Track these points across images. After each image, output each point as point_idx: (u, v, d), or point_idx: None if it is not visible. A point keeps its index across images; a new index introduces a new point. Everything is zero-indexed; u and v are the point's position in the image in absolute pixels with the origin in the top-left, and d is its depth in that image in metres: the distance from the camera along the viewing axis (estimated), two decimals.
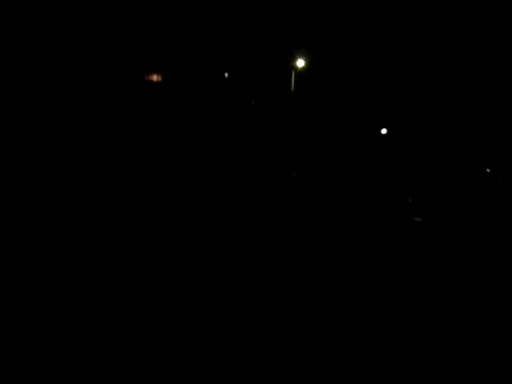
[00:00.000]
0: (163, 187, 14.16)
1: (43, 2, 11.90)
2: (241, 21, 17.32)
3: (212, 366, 3.55)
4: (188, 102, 16.31)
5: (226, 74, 17.19)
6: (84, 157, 12.48)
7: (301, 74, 17.97)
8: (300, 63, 17.40)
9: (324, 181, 20.13)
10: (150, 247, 7.47)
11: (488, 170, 17.44)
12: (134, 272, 6.01)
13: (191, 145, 16.10)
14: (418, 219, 12.21)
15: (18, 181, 10.62)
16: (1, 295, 4.89)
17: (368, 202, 16.24)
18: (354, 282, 6.01)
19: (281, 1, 17.76)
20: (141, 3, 14.28)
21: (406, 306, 5.08)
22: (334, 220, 12.28)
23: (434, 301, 5.31)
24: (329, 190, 18.45)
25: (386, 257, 7.63)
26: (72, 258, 6.49)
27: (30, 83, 11.67)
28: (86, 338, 3.92)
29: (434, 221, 12.13)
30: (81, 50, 12.82)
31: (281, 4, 17.81)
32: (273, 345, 3.93)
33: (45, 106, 11.95)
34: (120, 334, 4.06)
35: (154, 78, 15.38)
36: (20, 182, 10.63)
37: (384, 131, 22.43)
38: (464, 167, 18.20)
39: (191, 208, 12.76)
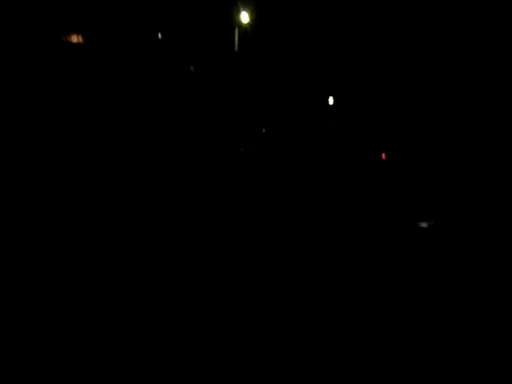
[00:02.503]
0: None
1: None
2: None
3: (212, 365, 3.54)
4: (114, 69, 13.42)
5: (160, 35, 14.34)
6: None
7: (246, 31, 15.42)
8: (244, 18, 14.85)
9: (279, 158, 17.74)
10: (146, 243, 7.39)
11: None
12: (133, 271, 6.01)
13: (120, 121, 13.32)
14: (423, 225, 9.60)
15: (14, 179, 9.90)
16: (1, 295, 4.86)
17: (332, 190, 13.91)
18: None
19: None
20: None
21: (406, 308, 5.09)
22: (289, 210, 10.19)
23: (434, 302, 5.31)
24: (285, 172, 16.00)
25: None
26: (72, 257, 6.46)
27: None
28: (85, 337, 3.90)
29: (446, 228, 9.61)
30: None
31: None
32: (272, 345, 3.98)
33: None
34: (120, 333, 4.04)
35: (74, 38, 12.35)
36: (15, 180, 9.90)
37: (331, 100, 20.23)
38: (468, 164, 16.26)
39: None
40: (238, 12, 14.79)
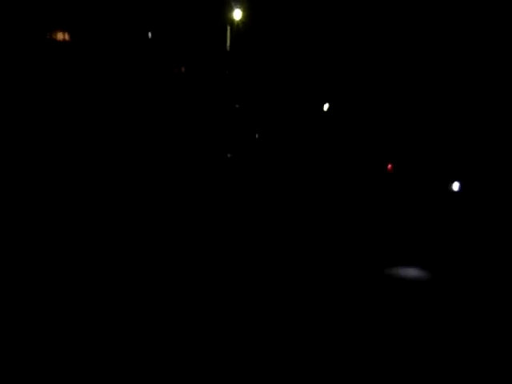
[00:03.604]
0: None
1: None
2: None
3: (212, 365, 3.50)
4: (101, 68, 12.72)
5: (150, 34, 13.59)
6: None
7: (238, 29, 14.73)
8: (237, 15, 14.18)
9: (269, 164, 17.01)
10: (146, 243, 7.23)
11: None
12: (133, 271, 5.84)
13: (108, 124, 12.64)
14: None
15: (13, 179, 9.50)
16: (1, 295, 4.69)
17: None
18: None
19: None
20: None
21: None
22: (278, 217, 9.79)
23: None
24: (276, 178, 15.26)
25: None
26: (71, 256, 6.31)
27: None
28: (85, 337, 3.81)
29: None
30: None
31: None
32: (272, 345, 3.98)
33: None
34: (120, 333, 3.94)
35: (60, 36, 11.64)
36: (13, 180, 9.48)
37: (326, 106, 19.50)
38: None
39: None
40: (231, 9, 14.16)
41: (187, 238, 7.87)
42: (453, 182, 14.75)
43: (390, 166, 16.64)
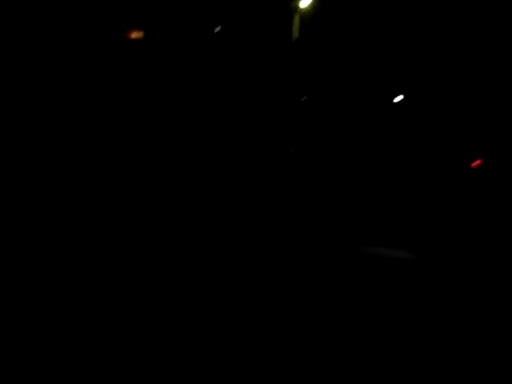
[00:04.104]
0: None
1: None
2: None
3: (212, 365, 3.48)
4: (172, 65, 12.57)
5: (217, 29, 13.27)
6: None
7: (305, 18, 14.13)
8: (304, 2, 13.60)
9: (333, 162, 16.36)
10: (148, 244, 7.17)
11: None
12: (133, 271, 5.83)
13: (174, 118, 12.48)
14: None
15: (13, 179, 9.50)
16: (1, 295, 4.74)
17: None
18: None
19: None
20: None
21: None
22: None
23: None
24: (340, 177, 14.64)
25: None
26: (72, 257, 6.25)
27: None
28: (85, 337, 3.82)
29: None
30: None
31: None
32: (272, 345, 3.94)
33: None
34: (120, 333, 3.95)
35: (133, 34, 11.50)
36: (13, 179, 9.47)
37: (399, 98, 18.64)
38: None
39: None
40: None
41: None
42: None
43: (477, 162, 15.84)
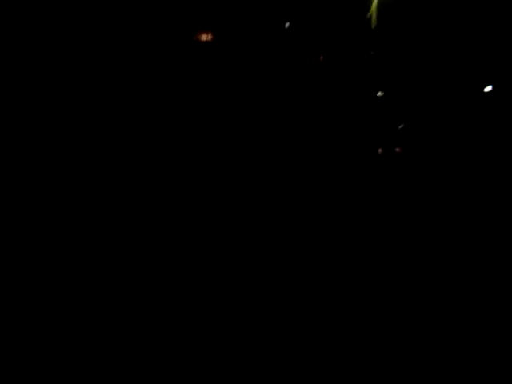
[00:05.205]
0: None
1: None
2: None
3: (212, 366, 3.43)
4: (243, 66, 13.95)
5: (287, 24, 11.65)
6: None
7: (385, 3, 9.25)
8: None
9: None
10: (148, 243, 5.82)
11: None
12: (133, 271, 5.10)
13: (246, 115, 13.83)
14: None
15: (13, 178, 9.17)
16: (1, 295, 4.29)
17: None
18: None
19: None
20: None
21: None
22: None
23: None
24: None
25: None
26: (72, 257, 5.55)
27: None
28: (85, 337, 3.70)
29: None
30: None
31: None
32: (272, 345, 3.52)
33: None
34: (120, 333, 3.82)
35: (203, 36, 15.40)
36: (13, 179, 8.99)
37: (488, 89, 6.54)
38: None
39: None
40: None
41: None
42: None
43: None
